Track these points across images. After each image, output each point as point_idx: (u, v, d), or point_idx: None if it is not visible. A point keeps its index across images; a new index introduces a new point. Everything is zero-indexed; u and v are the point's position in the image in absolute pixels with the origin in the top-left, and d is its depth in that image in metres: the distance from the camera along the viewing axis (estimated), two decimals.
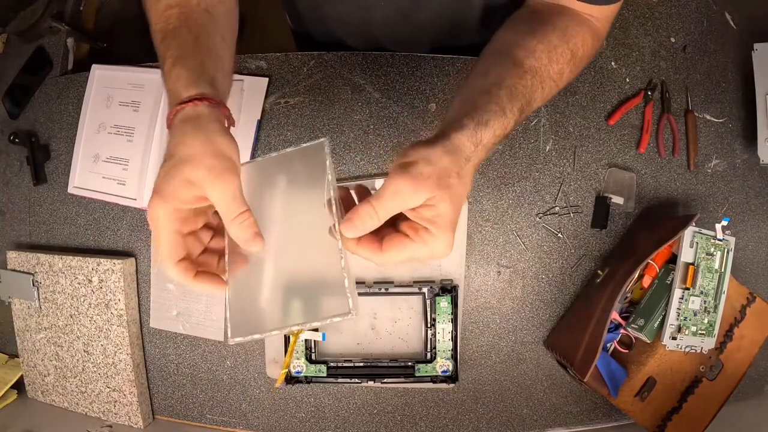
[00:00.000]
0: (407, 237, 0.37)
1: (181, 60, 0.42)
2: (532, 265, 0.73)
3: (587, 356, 0.62)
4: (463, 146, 0.38)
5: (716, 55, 0.76)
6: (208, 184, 0.36)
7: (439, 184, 0.36)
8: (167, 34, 0.44)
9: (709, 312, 0.64)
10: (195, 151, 0.37)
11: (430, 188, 0.36)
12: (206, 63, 0.43)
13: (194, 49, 0.43)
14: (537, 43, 0.45)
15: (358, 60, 0.74)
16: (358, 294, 0.70)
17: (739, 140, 0.75)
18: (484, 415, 0.74)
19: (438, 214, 0.37)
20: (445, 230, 0.37)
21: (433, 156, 0.37)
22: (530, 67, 0.44)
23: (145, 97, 0.77)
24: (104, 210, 0.78)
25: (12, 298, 0.80)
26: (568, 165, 0.73)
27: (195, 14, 0.46)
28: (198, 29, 0.45)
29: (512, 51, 0.44)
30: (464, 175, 0.38)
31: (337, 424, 0.75)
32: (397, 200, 0.36)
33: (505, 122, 0.41)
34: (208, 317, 0.75)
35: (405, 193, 0.35)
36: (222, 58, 0.46)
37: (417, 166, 0.36)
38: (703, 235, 0.63)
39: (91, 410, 0.77)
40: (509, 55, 0.44)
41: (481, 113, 0.39)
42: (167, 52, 0.43)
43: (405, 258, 0.38)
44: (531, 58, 0.44)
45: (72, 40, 0.85)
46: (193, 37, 0.44)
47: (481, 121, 0.39)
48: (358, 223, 0.36)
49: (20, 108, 0.83)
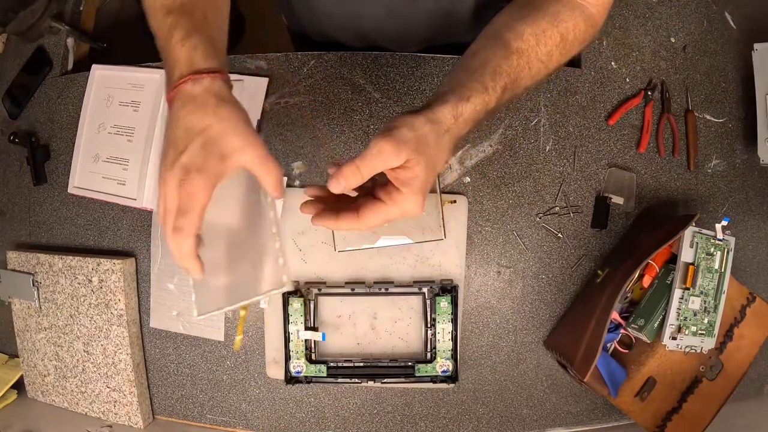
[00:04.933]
0: (381, 201, 0.42)
1: (197, 33, 0.42)
2: (532, 265, 0.73)
3: (587, 356, 0.62)
4: (444, 118, 0.42)
5: (716, 55, 0.76)
6: (243, 152, 0.39)
7: (417, 149, 0.40)
8: (173, 9, 0.44)
9: (709, 312, 0.64)
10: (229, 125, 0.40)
11: (408, 151, 0.40)
12: (217, 40, 0.45)
13: (205, 25, 0.44)
14: (526, 27, 0.47)
15: (358, 60, 0.74)
16: (359, 294, 0.70)
17: (739, 140, 0.75)
18: (484, 415, 0.74)
19: (413, 176, 0.41)
20: (415, 192, 0.41)
21: (416, 123, 0.41)
22: (517, 49, 0.46)
23: (145, 97, 0.77)
24: (104, 210, 0.78)
25: (12, 298, 0.80)
26: (568, 165, 0.73)
27: None
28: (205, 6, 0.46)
29: (502, 33, 0.47)
30: (442, 144, 0.42)
31: (337, 424, 0.75)
32: (379, 159, 0.40)
33: (487, 98, 0.44)
34: (208, 317, 0.75)
35: (387, 152, 0.39)
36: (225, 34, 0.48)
37: (400, 130, 0.40)
38: (703, 235, 0.63)
39: (91, 410, 0.77)
40: (499, 37, 0.47)
41: (463, 89, 0.43)
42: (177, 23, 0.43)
43: (381, 220, 0.42)
44: (519, 41, 0.46)
45: (72, 40, 0.85)
46: (202, 13, 0.45)
47: (462, 97, 0.43)
48: (342, 180, 0.40)
49: (20, 108, 0.83)
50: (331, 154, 0.73)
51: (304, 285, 0.71)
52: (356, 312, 0.72)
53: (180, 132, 0.40)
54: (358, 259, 0.72)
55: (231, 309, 0.45)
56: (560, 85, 0.74)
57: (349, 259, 0.72)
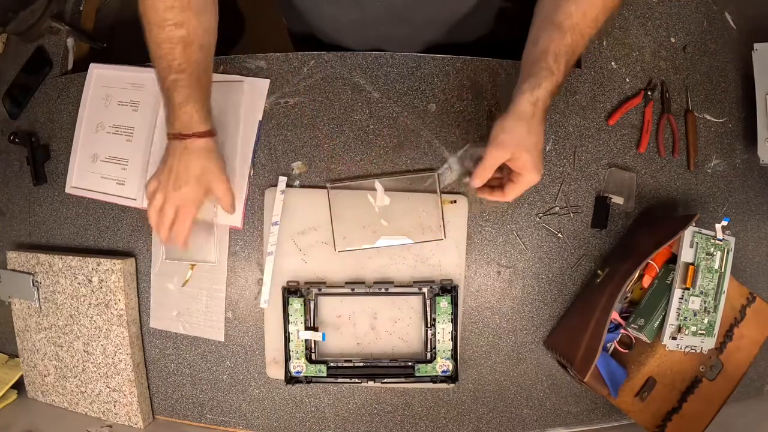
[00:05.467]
0: (512, 182, 0.58)
1: (192, 98, 0.59)
2: (532, 265, 0.73)
3: (587, 356, 0.62)
4: (525, 109, 0.54)
5: (716, 55, 0.76)
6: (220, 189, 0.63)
7: (516, 144, 0.54)
8: (173, 68, 0.59)
9: (709, 312, 0.64)
10: (215, 171, 0.62)
11: (509, 150, 0.54)
12: (208, 101, 0.62)
13: (199, 88, 0.60)
14: (571, 4, 0.55)
15: (358, 60, 0.74)
16: (359, 294, 0.71)
17: (739, 140, 0.75)
18: (484, 415, 0.74)
19: (522, 162, 0.55)
20: (529, 170, 0.55)
21: (506, 125, 0.54)
22: (569, 27, 0.55)
23: (144, 97, 0.77)
24: (104, 210, 0.78)
25: (12, 298, 0.80)
26: (568, 165, 0.73)
27: (195, 52, 0.60)
28: (199, 69, 0.60)
29: (553, 16, 0.55)
30: (534, 126, 0.54)
31: (337, 424, 0.75)
32: (493, 161, 0.55)
33: (554, 79, 0.54)
34: (208, 317, 0.75)
35: (495, 156, 0.55)
36: (210, 87, 0.64)
37: (498, 137, 0.55)
38: (703, 235, 0.63)
39: (91, 410, 0.77)
40: (552, 20, 0.55)
41: (533, 79, 0.54)
42: (176, 84, 0.59)
43: (518, 192, 0.58)
44: (569, 19, 0.55)
45: (72, 40, 0.85)
46: (196, 77, 0.60)
47: (535, 86, 0.54)
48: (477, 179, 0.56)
49: (20, 108, 0.83)
50: (330, 154, 0.73)
51: (304, 285, 0.71)
52: (356, 312, 0.72)
53: (182, 167, 0.60)
54: (358, 259, 0.72)
55: (184, 261, 0.75)
56: None
57: (349, 259, 0.72)
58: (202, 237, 0.74)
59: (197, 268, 0.75)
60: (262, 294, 0.72)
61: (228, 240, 0.74)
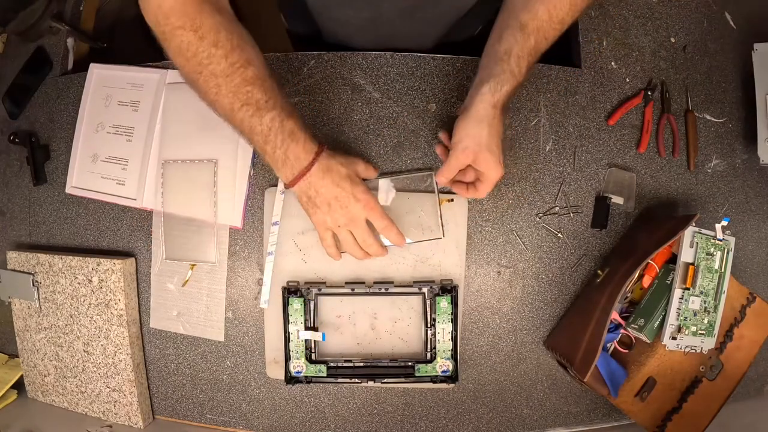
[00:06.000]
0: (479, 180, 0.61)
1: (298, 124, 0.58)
2: (532, 265, 0.73)
3: (587, 356, 0.62)
4: (486, 112, 0.55)
5: (716, 55, 0.76)
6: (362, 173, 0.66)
7: (479, 146, 0.56)
8: (262, 108, 0.55)
9: (709, 312, 0.64)
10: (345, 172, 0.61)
11: (473, 153, 0.57)
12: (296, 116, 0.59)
13: (294, 113, 0.58)
14: (538, 4, 0.55)
15: (358, 60, 0.74)
16: (359, 294, 0.71)
17: (739, 140, 0.75)
18: (484, 415, 0.74)
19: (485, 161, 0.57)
20: (492, 168, 0.58)
21: (470, 130, 0.56)
22: (534, 28, 0.55)
23: (144, 97, 0.77)
24: (104, 210, 0.78)
25: (12, 298, 0.80)
26: (568, 165, 0.73)
27: (269, 82, 0.57)
28: (282, 95, 0.58)
29: (519, 15, 0.55)
30: (494, 126, 0.56)
31: (337, 424, 0.75)
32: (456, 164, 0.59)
33: (515, 81, 0.55)
34: (208, 317, 0.75)
35: (460, 159, 0.58)
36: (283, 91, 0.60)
37: (462, 142, 0.57)
38: (703, 235, 0.63)
39: (91, 410, 0.77)
40: (516, 19, 0.55)
41: (495, 81, 0.55)
42: (275, 122, 0.56)
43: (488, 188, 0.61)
44: (534, 20, 0.55)
45: (72, 40, 0.85)
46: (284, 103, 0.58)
47: (496, 89, 0.55)
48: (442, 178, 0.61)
49: (20, 108, 0.83)
50: None
51: (304, 285, 0.71)
52: (356, 312, 0.72)
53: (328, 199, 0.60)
54: (357, 259, 0.72)
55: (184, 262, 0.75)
56: (560, 85, 0.74)
57: (349, 259, 0.71)
58: (203, 237, 0.74)
59: (197, 268, 0.75)
60: (262, 294, 0.72)
61: (228, 240, 0.74)
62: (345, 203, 0.60)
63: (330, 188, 0.59)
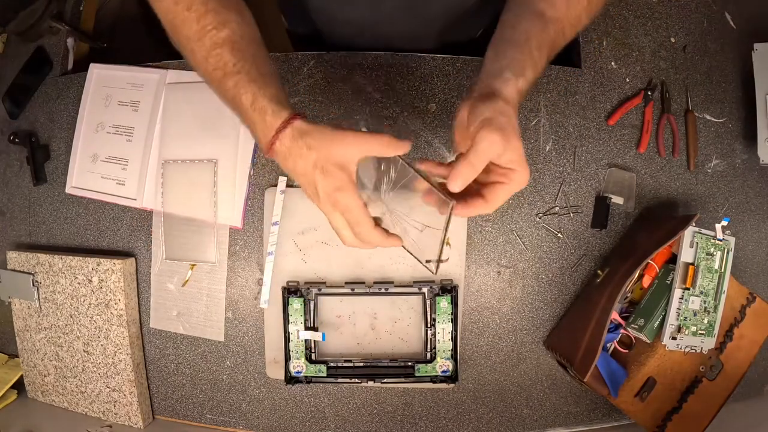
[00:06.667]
0: (501, 183, 0.45)
1: (260, 93, 0.48)
2: (532, 265, 0.73)
3: (587, 356, 0.62)
4: (512, 96, 0.45)
5: (716, 55, 0.76)
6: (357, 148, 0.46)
7: (514, 131, 0.43)
8: (228, 73, 0.49)
9: (709, 312, 0.64)
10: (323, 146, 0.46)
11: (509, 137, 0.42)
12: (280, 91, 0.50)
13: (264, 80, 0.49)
14: None
15: (358, 60, 0.74)
16: (359, 294, 0.71)
17: (739, 140, 0.75)
18: (484, 415, 0.74)
19: (519, 155, 0.43)
20: (524, 164, 0.44)
21: (501, 108, 0.43)
22: (551, 18, 0.49)
23: (144, 97, 0.77)
24: (104, 210, 0.78)
25: (12, 298, 0.80)
26: (568, 165, 0.73)
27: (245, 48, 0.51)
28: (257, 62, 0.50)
29: (535, 3, 0.50)
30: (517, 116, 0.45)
31: (337, 424, 0.75)
32: (491, 150, 0.42)
33: (536, 70, 0.48)
34: (208, 317, 0.75)
35: (497, 143, 0.42)
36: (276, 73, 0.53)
37: (497, 119, 0.42)
38: (703, 235, 0.63)
39: (91, 410, 0.77)
40: (533, 6, 0.50)
41: (517, 66, 0.47)
42: (238, 88, 0.49)
43: (506, 197, 0.46)
44: (552, 9, 0.50)
45: (72, 40, 0.85)
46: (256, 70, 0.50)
47: (519, 74, 0.46)
48: (460, 179, 0.43)
49: (20, 108, 0.83)
50: None
51: (304, 285, 0.71)
52: (356, 312, 0.72)
53: (301, 178, 0.48)
54: (357, 259, 0.72)
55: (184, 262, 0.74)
56: (560, 85, 0.74)
57: (349, 259, 0.72)
58: (203, 237, 0.73)
59: (197, 268, 0.75)
60: (262, 294, 0.72)
61: (228, 240, 0.74)
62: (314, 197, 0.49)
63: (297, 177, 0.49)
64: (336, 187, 0.46)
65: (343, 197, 0.46)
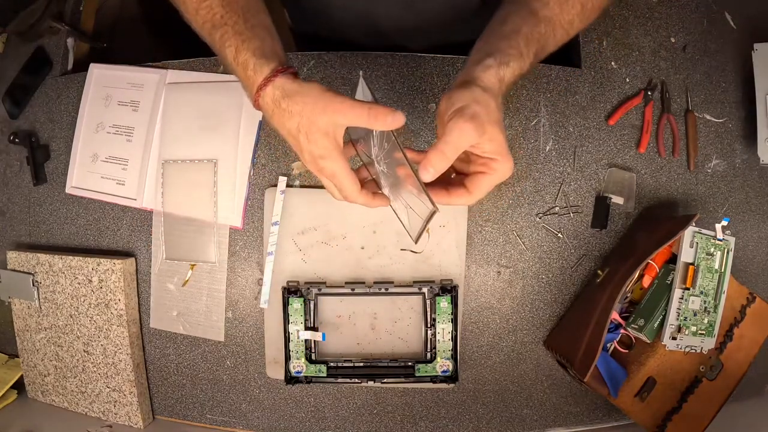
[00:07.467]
0: (483, 173, 0.45)
1: (244, 46, 0.47)
2: (532, 265, 0.73)
3: (587, 356, 0.62)
4: (492, 83, 0.44)
5: (716, 55, 0.76)
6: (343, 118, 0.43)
7: (489, 120, 0.42)
8: (216, 25, 0.48)
9: (709, 312, 0.64)
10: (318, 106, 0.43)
11: (484, 126, 0.41)
12: (268, 43, 0.48)
13: (251, 32, 0.48)
14: None
15: (358, 60, 0.74)
16: (359, 294, 0.71)
17: (739, 140, 0.75)
18: (484, 415, 0.74)
19: (499, 144, 0.43)
20: (506, 154, 0.43)
21: (478, 97, 0.42)
22: (544, 17, 0.49)
23: (144, 97, 0.77)
24: (104, 210, 0.78)
25: (12, 298, 0.80)
26: (568, 165, 0.73)
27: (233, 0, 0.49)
28: (246, 14, 0.49)
29: (529, 1, 0.50)
30: (499, 105, 0.44)
31: (337, 424, 0.75)
32: (463, 140, 0.41)
33: (522, 64, 0.46)
34: (208, 317, 0.75)
35: (469, 132, 0.41)
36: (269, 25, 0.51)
37: (470, 108, 0.41)
38: (703, 235, 0.63)
39: (91, 410, 0.77)
40: (526, 4, 0.50)
41: (501, 55, 0.45)
42: (223, 41, 0.47)
43: (489, 188, 0.45)
44: (545, 9, 0.49)
45: (72, 40, 0.85)
46: (243, 21, 0.48)
47: (502, 62, 0.45)
48: (431, 167, 0.42)
49: (20, 108, 0.83)
50: None
51: (304, 285, 0.71)
52: (356, 312, 0.72)
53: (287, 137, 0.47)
54: (358, 259, 0.72)
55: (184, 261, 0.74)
56: (560, 85, 0.74)
57: (349, 259, 0.72)
58: (203, 237, 0.73)
59: (197, 268, 0.75)
60: (262, 294, 0.72)
61: (228, 240, 0.74)
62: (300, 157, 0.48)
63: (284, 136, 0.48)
64: (320, 155, 0.45)
65: (327, 164, 0.45)
